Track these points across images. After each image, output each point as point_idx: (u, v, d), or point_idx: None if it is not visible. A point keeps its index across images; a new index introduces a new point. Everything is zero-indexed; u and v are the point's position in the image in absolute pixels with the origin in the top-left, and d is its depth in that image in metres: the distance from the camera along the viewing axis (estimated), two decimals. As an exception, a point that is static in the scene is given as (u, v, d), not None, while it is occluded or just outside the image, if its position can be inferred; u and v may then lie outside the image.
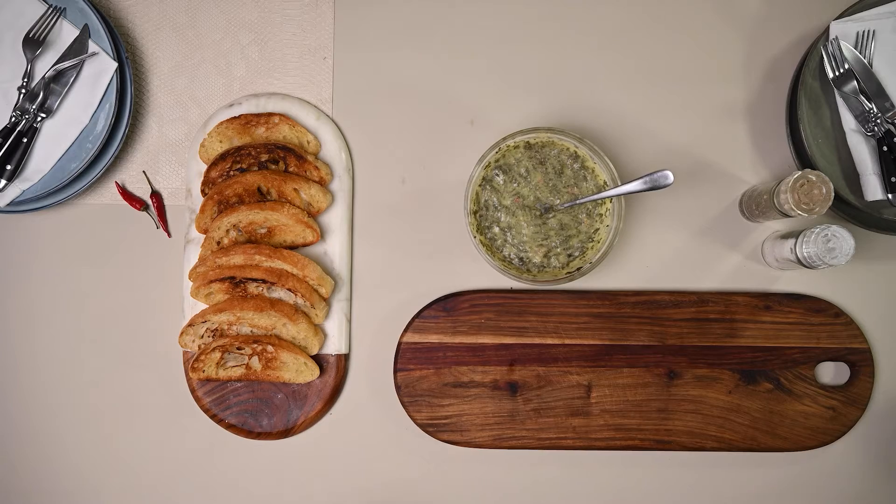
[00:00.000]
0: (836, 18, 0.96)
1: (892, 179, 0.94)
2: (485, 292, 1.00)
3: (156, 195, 1.04)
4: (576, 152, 0.96)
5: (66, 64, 0.98)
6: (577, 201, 0.95)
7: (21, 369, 1.03)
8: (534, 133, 0.95)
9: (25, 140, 0.98)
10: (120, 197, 1.04)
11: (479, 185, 0.96)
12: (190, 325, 0.97)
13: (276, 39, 1.05)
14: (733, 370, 0.99)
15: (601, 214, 0.97)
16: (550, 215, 0.96)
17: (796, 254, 0.91)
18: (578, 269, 0.95)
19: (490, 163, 0.96)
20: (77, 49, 0.99)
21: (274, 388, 1.00)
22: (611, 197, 0.94)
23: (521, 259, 0.97)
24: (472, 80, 1.04)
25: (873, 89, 0.95)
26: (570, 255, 0.97)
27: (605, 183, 0.96)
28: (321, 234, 1.00)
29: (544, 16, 1.04)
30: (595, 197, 0.94)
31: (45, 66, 0.99)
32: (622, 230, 0.95)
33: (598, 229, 0.97)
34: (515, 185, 0.96)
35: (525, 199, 0.96)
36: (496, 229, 0.97)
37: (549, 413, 0.99)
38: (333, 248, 1.01)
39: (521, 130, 0.95)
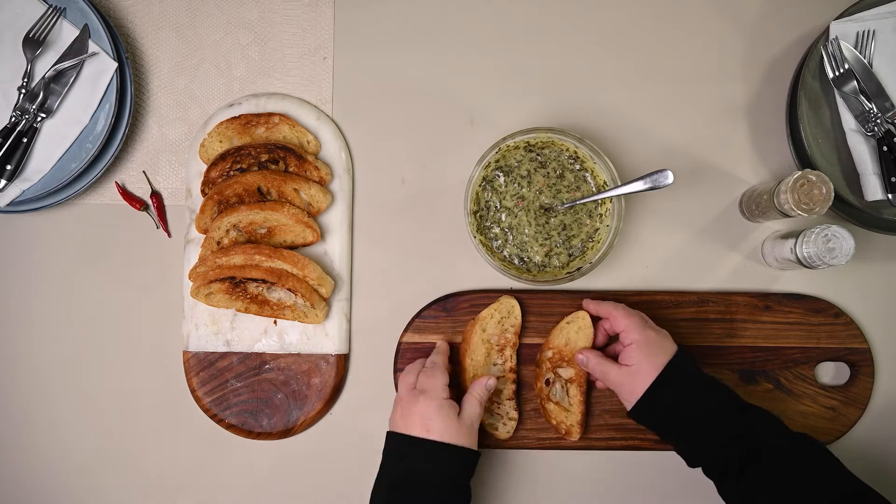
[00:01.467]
0: (836, 18, 0.96)
1: (892, 179, 0.93)
2: (485, 292, 1.00)
3: (156, 195, 1.04)
4: (576, 152, 0.96)
5: (66, 64, 0.98)
6: (578, 201, 0.95)
7: (21, 369, 1.03)
8: (534, 133, 0.95)
9: (25, 140, 0.98)
10: (120, 197, 1.04)
11: (480, 186, 0.96)
12: None
13: (276, 39, 1.05)
14: (733, 370, 0.99)
15: (601, 214, 0.97)
16: (552, 215, 0.96)
17: (796, 254, 0.91)
18: (578, 269, 0.95)
19: (490, 163, 0.96)
20: (77, 49, 0.99)
21: (274, 388, 1.00)
22: (611, 197, 0.94)
23: (521, 259, 0.97)
24: (472, 80, 1.04)
25: (873, 89, 0.95)
26: (570, 255, 0.97)
27: (604, 183, 0.95)
28: (321, 234, 1.00)
29: (544, 15, 1.04)
30: (595, 197, 0.94)
31: (45, 66, 0.99)
32: (622, 230, 0.95)
33: (598, 229, 0.97)
34: (517, 185, 0.96)
35: (527, 200, 0.96)
36: (497, 229, 0.96)
37: (549, 413, 0.99)
38: (333, 248, 1.01)
39: (521, 130, 0.94)
